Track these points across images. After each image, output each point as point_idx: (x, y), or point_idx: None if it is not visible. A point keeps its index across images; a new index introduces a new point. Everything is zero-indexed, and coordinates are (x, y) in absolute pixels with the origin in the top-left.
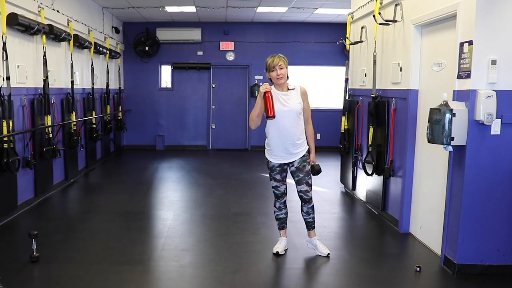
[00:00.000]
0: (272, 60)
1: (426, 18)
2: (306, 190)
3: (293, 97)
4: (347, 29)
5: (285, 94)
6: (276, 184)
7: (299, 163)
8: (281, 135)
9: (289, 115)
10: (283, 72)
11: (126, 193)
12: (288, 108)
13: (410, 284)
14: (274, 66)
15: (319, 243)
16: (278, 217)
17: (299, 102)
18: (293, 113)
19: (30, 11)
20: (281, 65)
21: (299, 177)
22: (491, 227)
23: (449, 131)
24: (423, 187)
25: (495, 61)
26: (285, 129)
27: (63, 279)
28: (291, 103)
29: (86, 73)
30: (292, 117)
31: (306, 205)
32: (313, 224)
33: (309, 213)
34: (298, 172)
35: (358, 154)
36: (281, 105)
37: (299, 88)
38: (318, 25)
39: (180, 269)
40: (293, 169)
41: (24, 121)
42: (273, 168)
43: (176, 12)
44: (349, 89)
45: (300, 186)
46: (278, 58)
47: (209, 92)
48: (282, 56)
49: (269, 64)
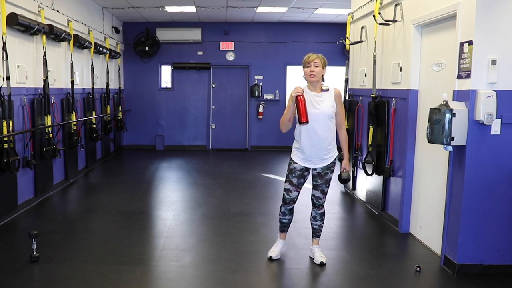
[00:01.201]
0: (308, 56)
1: (426, 18)
2: (319, 197)
3: (326, 99)
4: (347, 29)
5: (318, 96)
6: (290, 187)
7: (322, 169)
8: (311, 139)
9: (320, 118)
10: (318, 70)
11: (126, 193)
12: (320, 111)
13: (410, 284)
14: (309, 62)
15: (317, 251)
16: (281, 221)
17: (332, 105)
18: (325, 116)
19: (30, 11)
20: (317, 62)
21: (318, 183)
22: (491, 227)
23: (449, 131)
24: (423, 187)
25: (495, 61)
26: (315, 132)
27: (63, 279)
28: (324, 105)
29: (86, 73)
30: (324, 120)
31: (315, 210)
32: (318, 233)
33: (316, 218)
34: (318, 178)
35: (358, 154)
36: (313, 108)
37: (333, 90)
38: (318, 25)
39: (180, 269)
40: (314, 173)
41: (24, 121)
42: (294, 170)
43: (176, 12)
44: (349, 89)
45: (315, 191)
46: (316, 55)
47: (209, 92)
48: (321, 56)
49: (305, 60)
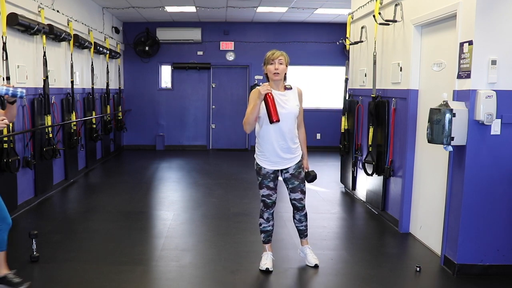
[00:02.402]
0: (272, 53)
1: (426, 18)
2: (300, 198)
3: (291, 98)
4: (347, 29)
5: (282, 95)
6: (269, 192)
7: (295, 169)
8: (278, 139)
9: (288, 118)
10: (282, 68)
11: (126, 193)
12: (287, 110)
13: (410, 284)
14: (273, 59)
15: (309, 252)
16: (264, 230)
17: (297, 104)
18: (292, 115)
19: (30, 11)
20: (281, 60)
21: (294, 184)
22: (491, 227)
23: (449, 131)
24: (423, 187)
25: (495, 61)
26: (282, 133)
27: (63, 279)
28: (290, 104)
29: (86, 73)
30: (291, 120)
31: (299, 213)
32: (305, 232)
33: (301, 220)
34: (293, 179)
35: (358, 154)
36: (280, 107)
37: (296, 89)
38: (318, 25)
39: (180, 269)
40: (287, 176)
41: (24, 121)
42: (267, 175)
43: (176, 12)
44: (349, 89)
45: (294, 194)
46: (280, 53)
47: (209, 92)
48: (285, 53)
49: (268, 56)
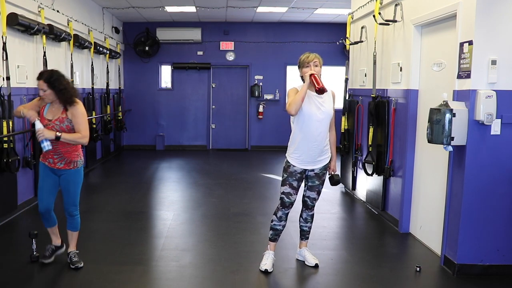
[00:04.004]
0: (307, 56)
1: (426, 18)
2: (314, 198)
3: (327, 100)
4: (347, 29)
5: (319, 96)
6: (290, 190)
7: (320, 170)
8: (312, 140)
9: (325, 119)
10: (317, 70)
11: (126, 193)
12: (324, 111)
13: (410, 284)
14: (308, 62)
15: (308, 253)
16: (274, 227)
17: (332, 107)
18: (329, 117)
19: (30, 11)
20: (316, 62)
21: (314, 183)
22: (491, 227)
23: (449, 131)
24: (423, 187)
25: (495, 61)
26: (318, 134)
27: (63, 279)
28: (327, 106)
29: (86, 73)
30: (327, 121)
31: (307, 212)
32: (307, 234)
33: (307, 220)
34: (315, 179)
35: (358, 154)
36: (317, 109)
37: (330, 91)
38: (318, 25)
39: (180, 269)
40: (311, 174)
41: (24, 121)
42: (294, 173)
43: (176, 12)
44: (349, 89)
45: (310, 192)
46: (314, 55)
47: (209, 92)
48: (318, 55)
49: (303, 60)
